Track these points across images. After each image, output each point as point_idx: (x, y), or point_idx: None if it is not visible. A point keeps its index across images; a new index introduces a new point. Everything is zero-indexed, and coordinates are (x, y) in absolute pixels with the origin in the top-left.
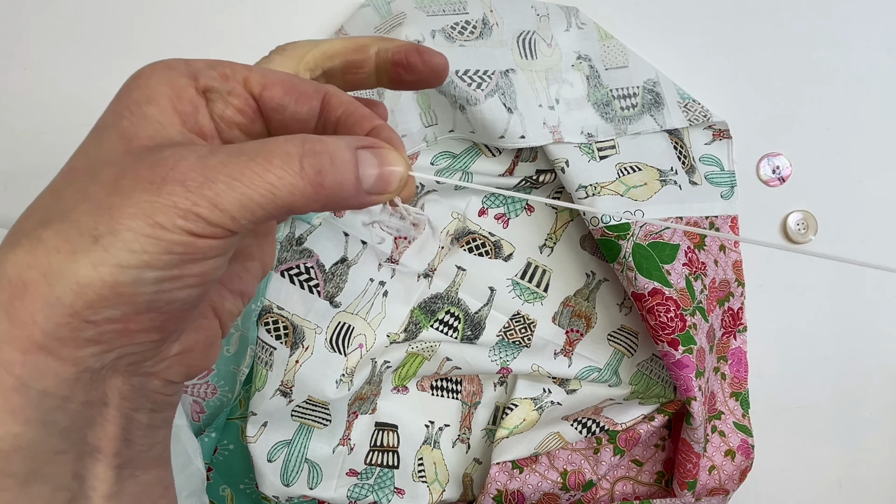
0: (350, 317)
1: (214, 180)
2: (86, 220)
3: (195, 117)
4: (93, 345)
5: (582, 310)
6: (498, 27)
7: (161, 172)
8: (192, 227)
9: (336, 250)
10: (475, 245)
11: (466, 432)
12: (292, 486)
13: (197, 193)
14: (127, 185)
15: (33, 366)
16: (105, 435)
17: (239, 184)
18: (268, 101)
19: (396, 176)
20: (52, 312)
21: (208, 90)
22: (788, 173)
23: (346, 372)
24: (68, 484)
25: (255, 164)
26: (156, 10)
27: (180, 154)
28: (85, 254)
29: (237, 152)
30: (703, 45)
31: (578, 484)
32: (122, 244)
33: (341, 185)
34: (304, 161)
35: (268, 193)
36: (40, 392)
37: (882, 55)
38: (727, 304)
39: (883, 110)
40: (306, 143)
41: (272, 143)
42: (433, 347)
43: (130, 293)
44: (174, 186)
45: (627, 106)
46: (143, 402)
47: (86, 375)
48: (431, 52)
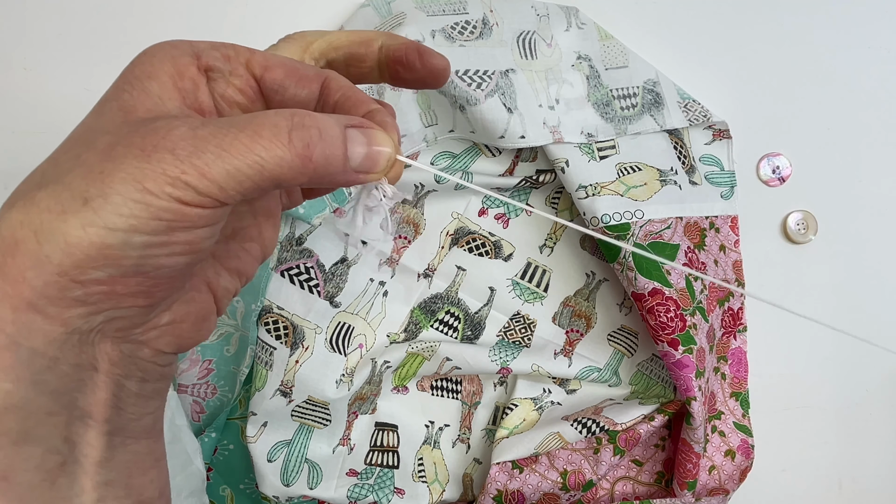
0: (350, 317)
1: (204, 150)
2: (78, 183)
3: (195, 94)
4: (79, 305)
5: (582, 310)
6: (498, 27)
7: (152, 140)
8: (180, 194)
9: (336, 250)
10: (475, 245)
11: (466, 432)
12: (292, 486)
13: (186, 162)
14: (119, 152)
15: (23, 324)
16: (96, 400)
17: (227, 154)
18: (269, 82)
19: (384, 156)
20: (41, 270)
21: (210, 69)
22: (788, 173)
23: (346, 372)
24: (59, 447)
25: (245, 136)
26: (155, 11)
27: (172, 124)
28: (74, 214)
29: (227, 124)
30: (703, 45)
31: (578, 484)
32: (111, 207)
33: (329, 160)
34: (293, 134)
35: (255, 165)
36: (31, 350)
37: (882, 55)
38: (727, 304)
39: (883, 110)
40: (295, 117)
41: (262, 116)
42: (433, 347)
43: (117, 255)
44: (164, 154)
45: (627, 106)
46: (134, 370)
47: (74, 337)
48: (431, 54)
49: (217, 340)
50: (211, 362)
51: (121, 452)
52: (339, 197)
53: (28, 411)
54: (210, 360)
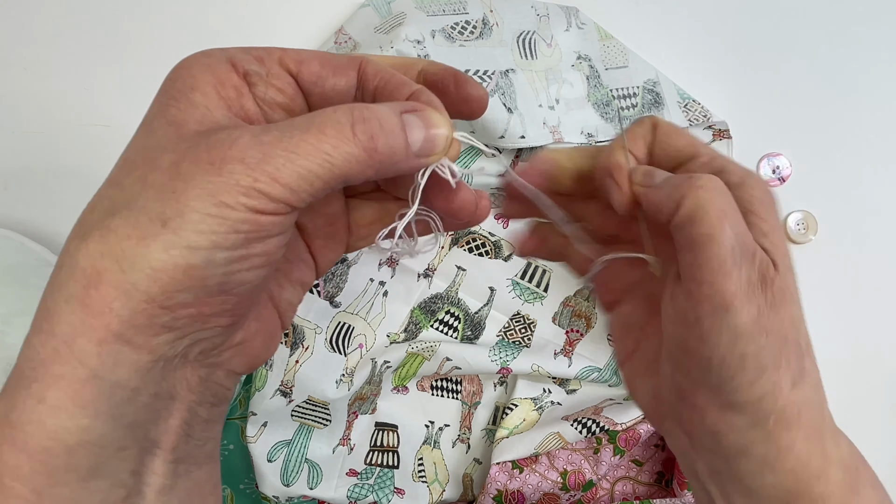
0: (350, 317)
1: (272, 155)
2: (152, 206)
3: (240, 102)
4: (167, 331)
5: (582, 310)
6: (498, 27)
7: (219, 153)
8: (255, 203)
9: None
10: (475, 245)
11: (466, 432)
12: (292, 486)
13: (257, 170)
14: (187, 169)
15: (109, 356)
16: (167, 429)
17: (296, 156)
18: (306, 76)
19: (442, 137)
20: (128, 300)
21: (248, 74)
22: (788, 173)
23: (346, 372)
24: (126, 480)
25: (310, 136)
26: (155, 11)
27: (234, 134)
28: (155, 238)
29: (289, 127)
30: (703, 45)
31: (578, 484)
32: (190, 226)
33: (393, 149)
34: (356, 128)
35: (325, 163)
36: (113, 384)
37: (882, 55)
38: None
39: (883, 110)
40: (355, 111)
41: (322, 115)
42: (433, 347)
43: (202, 276)
44: (234, 165)
45: (627, 106)
46: (207, 395)
47: (159, 365)
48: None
49: None
50: None
51: (183, 480)
52: None
53: (101, 447)
54: None
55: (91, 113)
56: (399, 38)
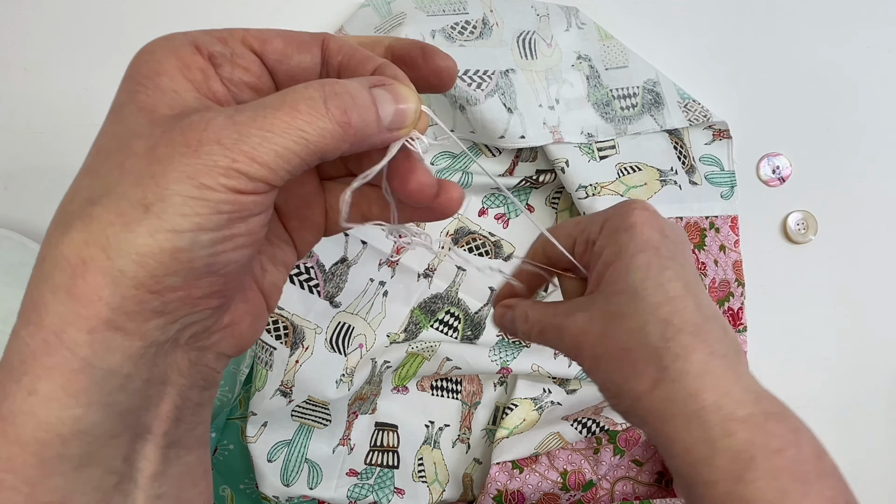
0: (350, 317)
1: (248, 135)
2: (133, 192)
3: (207, 84)
4: (158, 316)
5: None
6: (498, 27)
7: (195, 135)
8: (234, 183)
9: (336, 250)
10: (475, 245)
11: (466, 432)
12: (292, 486)
13: (234, 150)
14: (164, 153)
15: (100, 344)
16: (158, 414)
17: (271, 134)
18: (270, 54)
19: (412, 110)
20: (117, 286)
21: (213, 56)
22: (788, 173)
23: (346, 372)
24: (118, 466)
25: (283, 114)
26: (155, 11)
27: (208, 116)
28: (139, 223)
29: (262, 106)
30: (703, 45)
31: (578, 484)
32: (172, 209)
33: (366, 123)
34: (329, 103)
35: (300, 140)
36: (105, 371)
37: (882, 55)
38: (727, 304)
39: (883, 110)
40: (326, 86)
41: (293, 92)
42: (433, 347)
43: (189, 258)
44: (211, 146)
45: (627, 106)
46: (197, 379)
47: (151, 350)
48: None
49: None
50: None
51: (174, 465)
52: None
53: (94, 435)
54: None
55: (91, 113)
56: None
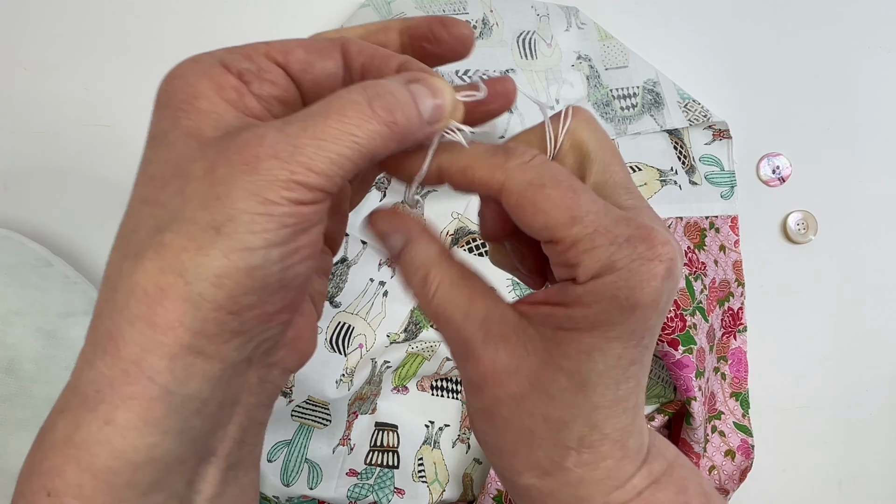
0: (350, 317)
1: (302, 146)
2: (201, 215)
3: (243, 102)
4: (237, 336)
5: None
6: (498, 27)
7: (252, 152)
8: (296, 196)
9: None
10: (475, 245)
11: (466, 432)
12: (292, 486)
13: (292, 162)
14: (224, 174)
15: (181, 370)
16: (224, 436)
17: (324, 142)
18: (294, 65)
19: (448, 101)
20: (198, 311)
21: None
22: (788, 173)
23: (346, 372)
24: (181, 490)
25: (332, 121)
26: (155, 11)
27: (259, 132)
28: (213, 245)
29: (309, 116)
30: (703, 45)
31: None
32: (242, 227)
33: (410, 120)
34: (374, 105)
35: (352, 144)
36: (184, 398)
37: (882, 55)
38: (727, 304)
39: (883, 110)
40: (368, 89)
41: (337, 98)
42: (433, 347)
43: (263, 275)
44: (269, 161)
45: (627, 106)
46: (263, 397)
47: (228, 371)
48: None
49: None
50: None
51: (231, 487)
52: None
53: (165, 462)
54: None
55: (92, 113)
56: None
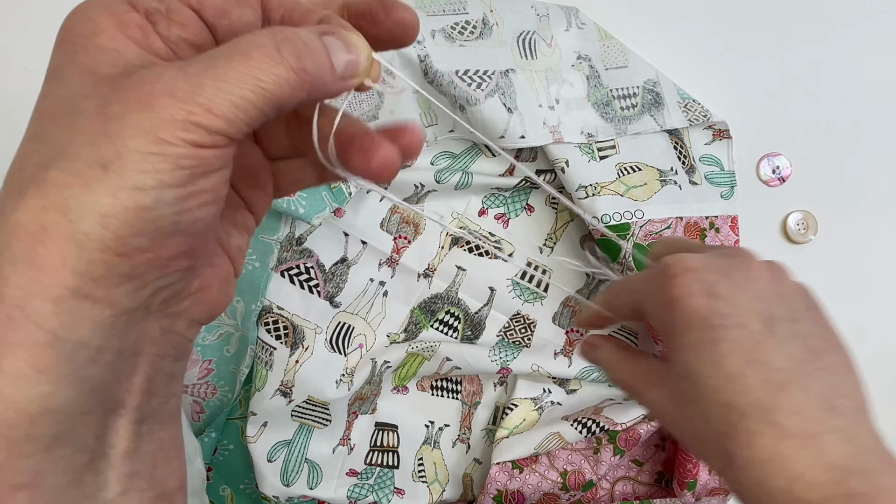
0: (350, 317)
1: (202, 86)
2: (88, 151)
3: (147, 41)
4: (128, 281)
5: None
6: (498, 27)
7: (147, 89)
8: (193, 137)
9: (336, 250)
10: (475, 245)
11: (466, 432)
12: (292, 486)
13: (189, 102)
14: (117, 110)
15: (68, 314)
16: (130, 388)
17: (226, 84)
18: (209, 10)
19: (363, 57)
20: (82, 251)
21: (149, 12)
22: (788, 173)
23: (346, 372)
24: (90, 444)
25: (236, 63)
26: None
27: (157, 70)
28: (99, 182)
29: (213, 56)
30: (703, 45)
31: (578, 484)
32: (132, 165)
33: (321, 69)
34: (282, 49)
35: (256, 88)
36: (75, 344)
37: (882, 55)
38: None
39: (883, 110)
40: (276, 33)
41: (244, 41)
42: (433, 347)
43: (154, 217)
44: (166, 99)
45: (627, 106)
46: (169, 348)
47: (122, 319)
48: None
49: (217, 340)
50: (211, 362)
51: (147, 442)
52: (338, 197)
53: (65, 413)
54: (210, 360)
55: None
56: None
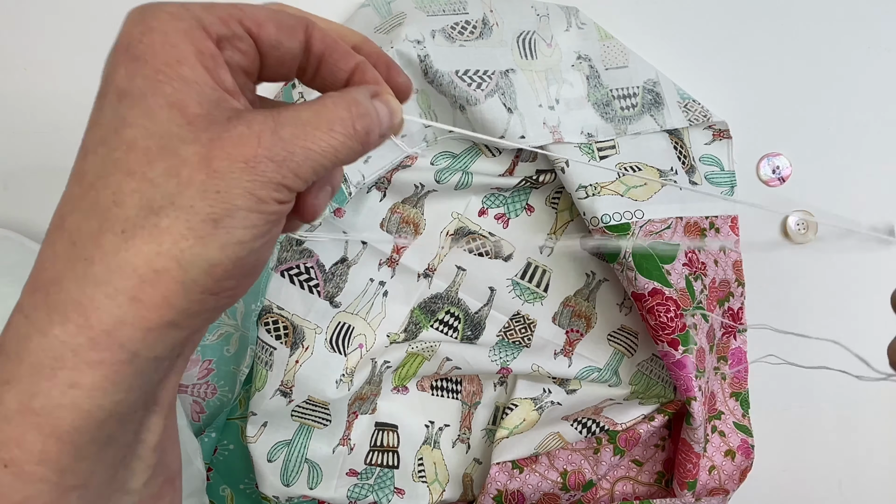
0: (350, 317)
1: (294, 153)
2: (200, 206)
3: (217, 72)
4: (210, 311)
5: (582, 310)
6: (498, 27)
7: (250, 151)
8: (281, 196)
9: (336, 250)
10: (475, 245)
11: (466, 432)
12: (292, 486)
13: (283, 167)
14: (223, 167)
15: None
16: (169, 385)
17: (313, 152)
18: (265, 39)
19: (398, 120)
20: (187, 293)
21: (219, 39)
22: (788, 173)
23: (346, 372)
24: (129, 441)
25: (322, 133)
26: None
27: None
28: (212, 238)
29: (300, 122)
30: (703, 45)
31: (578, 484)
32: (238, 223)
33: (375, 135)
34: (357, 124)
35: (332, 156)
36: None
37: (882, 55)
38: (727, 304)
39: (883, 110)
40: (353, 108)
41: (327, 109)
42: (433, 347)
43: (244, 264)
44: (267, 164)
45: (627, 106)
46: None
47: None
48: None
49: (217, 340)
50: (211, 362)
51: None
52: (338, 197)
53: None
54: (210, 360)
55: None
56: (399, 38)
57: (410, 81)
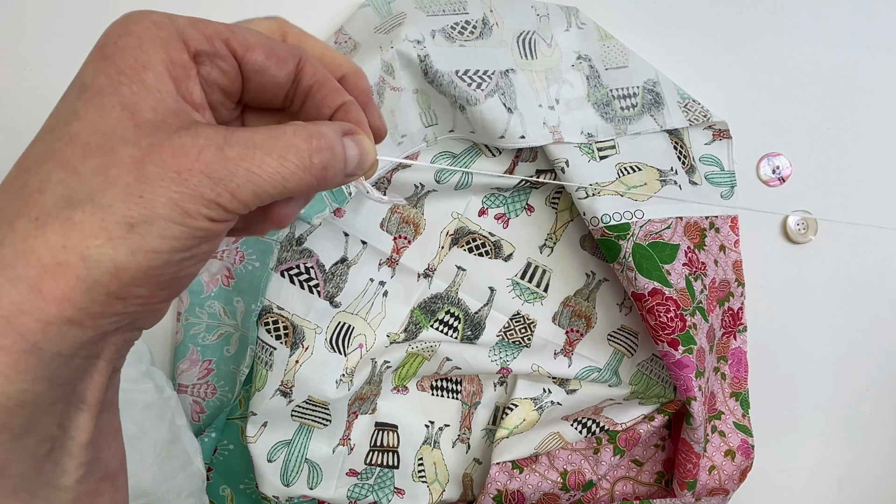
0: (350, 317)
1: (235, 173)
2: (119, 207)
3: (187, 84)
4: (116, 316)
5: (582, 310)
6: (498, 27)
7: (186, 163)
8: (213, 214)
9: (336, 250)
10: (475, 245)
11: (466, 432)
12: (292, 486)
13: (220, 185)
14: (153, 173)
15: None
16: (92, 385)
17: (257, 177)
18: (251, 63)
19: (369, 161)
20: (88, 292)
21: (197, 54)
22: (788, 173)
23: (346, 372)
24: (54, 434)
25: (271, 160)
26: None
27: (199, 143)
28: (123, 241)
29: (252, 145)
30: (703, 45)
31: (578, 484)
32: (155, 231)
33: (336, 171)
34: (314, 157)
35: (279, 185)
36: (53, 354)
37: (882, 55)
38: (727, 304)
39: (883, 110)
40: (313, 139)
41: (283, 137)
42: (433, 347)
43: (159, 274)
44: (201, 178)
45: (627, 106)
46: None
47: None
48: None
49: (217, 340)
50: (211, 362)
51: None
52: (338, 197)
53: (35, 405)
54: (210, 360)
55: None
56: (399, 38)
57: (385, 126)
